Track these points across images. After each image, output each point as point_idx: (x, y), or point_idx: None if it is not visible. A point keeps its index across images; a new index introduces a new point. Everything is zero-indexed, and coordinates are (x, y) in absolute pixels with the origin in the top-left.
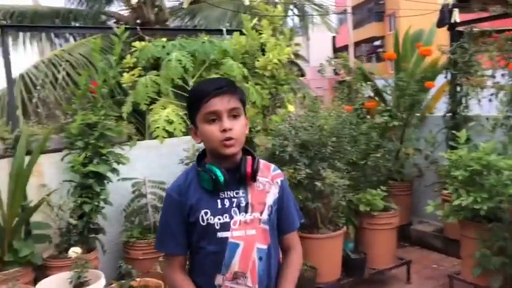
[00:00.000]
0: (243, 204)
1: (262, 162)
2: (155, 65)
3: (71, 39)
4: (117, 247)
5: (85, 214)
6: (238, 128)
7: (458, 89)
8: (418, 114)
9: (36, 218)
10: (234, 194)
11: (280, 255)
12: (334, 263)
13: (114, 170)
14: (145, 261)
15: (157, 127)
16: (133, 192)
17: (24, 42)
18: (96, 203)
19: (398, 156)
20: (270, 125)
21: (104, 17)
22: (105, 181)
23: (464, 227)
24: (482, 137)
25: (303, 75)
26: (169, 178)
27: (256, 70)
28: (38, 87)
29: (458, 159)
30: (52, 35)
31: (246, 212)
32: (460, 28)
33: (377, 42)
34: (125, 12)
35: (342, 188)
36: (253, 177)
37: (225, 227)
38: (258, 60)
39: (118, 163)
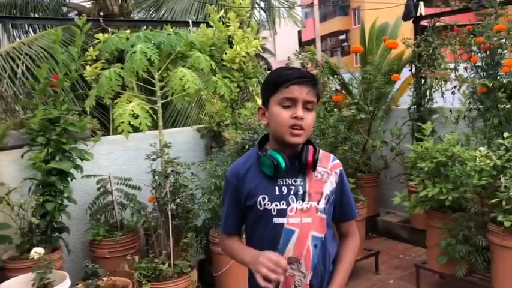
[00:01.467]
0: (300, 192)
1: (321, 152)
2: (119, 57)
3: (30, 31)
4: (83, 246)
5: (48, 213)
6: (309, 119)
7: (422, 81)
8: (383, 107)
9: None
10: (292, 181)
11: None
12: None
13: (78, 167)
14: (112, 260)
15: (122, 122)
16: (98, 189)
17: None
18: (59, 201)
19: (365, 148)
20: (239, 118)
21: (65, 9)
22: (69, 178)
23: (430, 217)
24: (446, 129)
25: (269, 69)
26: (136, 174)
27: (224, 63)
28: None
29: (424, 150)
30: (10, 27)
31: (303, 200)
32: (424, 22)
33: (342, 36)
34: (87, 4)
35: None
36: (314, 166)
37: (282, 213)
38: (225, 53)
39: (81, 159)
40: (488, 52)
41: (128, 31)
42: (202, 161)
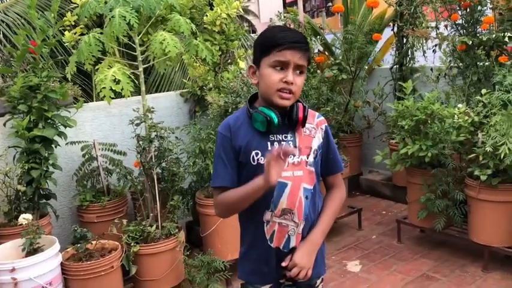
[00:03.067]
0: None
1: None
2: (99, 22)
3: None
4: (71, 212)
5: (33, 180)
6: (299, 83)
7: (404, 41)
8: (366, 67)
9: None
10: (283, 137)
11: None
12: None
13: (62, 134)
14: (100, 224)
15: (104, 87)
16: (84, 155)
17: None
18: (44, 168)
19: (348, 108)
20: (222, 82)
21: None
22: (53, 145)
23: (410, 174)
24: (427, 87)
25: (253, 31)
26: (121, 139)
27: (205, 26)
28: None
29: (404, 109)
30: None
31: (293, 154)
32: None
33: None
34: None
35: None
36: (304, 122)
37: None
38: (206, 15)
39: (65, 126)
40: (468, 9)
41: None
42: (186, 125)
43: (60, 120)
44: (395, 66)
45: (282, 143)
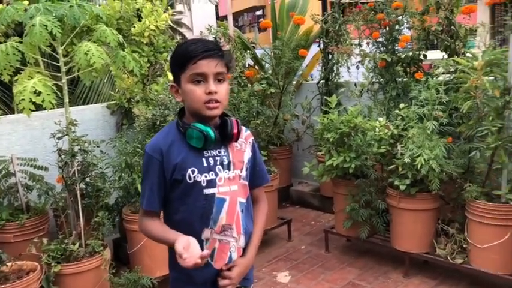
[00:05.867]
0: (225, 162)
1: None
2: (21, 31)
3: None
4: None
5: None
6: (223, 91)
7: (330, 57)
8: (294, 82)
9: None
10: (217, 152)
11: None
12: None
13: None
14: (17, 244)
15: (23, 99)
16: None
17: None
18: None
19: (277, 122)
20: (150, 94)
21: None
22: None
23: (336, 184)
24: (351, 101)
25: None
26: (42, 154)
27: (133, 37)
28: None
29: (329, 122)
30: None
31: (229, 169)
32: None
33: (258, 12)
34: None
35: None
36: (237, 137)
37: (211, 184)
38: (134, 27)
39: None
40: (387, 28)
41: (26, 2)
42: (112, 138)
43: None
44: (321, 81)
45: (217, 158)
